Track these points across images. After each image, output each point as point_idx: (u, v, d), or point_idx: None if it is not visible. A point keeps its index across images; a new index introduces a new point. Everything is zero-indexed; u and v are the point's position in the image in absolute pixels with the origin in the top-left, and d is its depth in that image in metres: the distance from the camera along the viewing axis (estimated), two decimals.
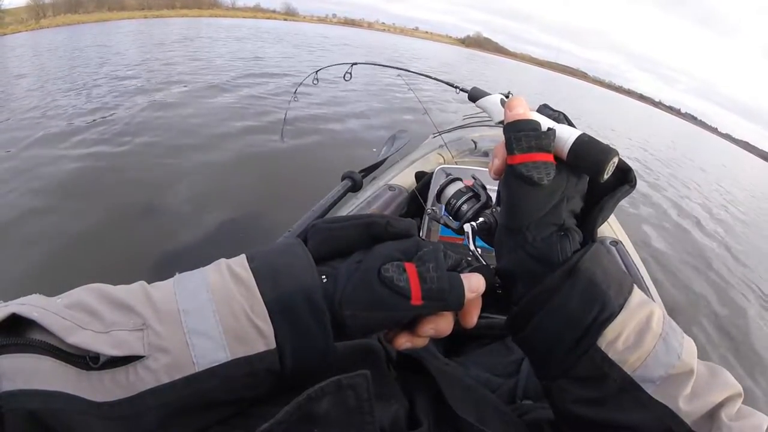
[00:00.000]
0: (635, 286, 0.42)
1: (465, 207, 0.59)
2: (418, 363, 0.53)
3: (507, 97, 0.47)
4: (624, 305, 0.39)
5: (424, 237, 0.97)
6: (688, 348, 0.39)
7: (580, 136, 0.42)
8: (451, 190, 0.61)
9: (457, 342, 0.97)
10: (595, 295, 0.39)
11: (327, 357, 0.37)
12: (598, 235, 0.46)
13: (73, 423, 0.28)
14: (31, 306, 0.30)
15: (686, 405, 0.36)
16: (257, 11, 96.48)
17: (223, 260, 0.38)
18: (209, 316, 0.33)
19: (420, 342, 0.42)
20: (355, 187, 1.61)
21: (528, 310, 0.42)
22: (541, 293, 0.41)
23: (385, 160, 1.86)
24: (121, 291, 0.34)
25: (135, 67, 8.82)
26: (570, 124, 0.45)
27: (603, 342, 0.38)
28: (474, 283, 0.40)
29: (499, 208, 0.49)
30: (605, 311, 0.39)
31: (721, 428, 0.35)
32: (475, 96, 0.53)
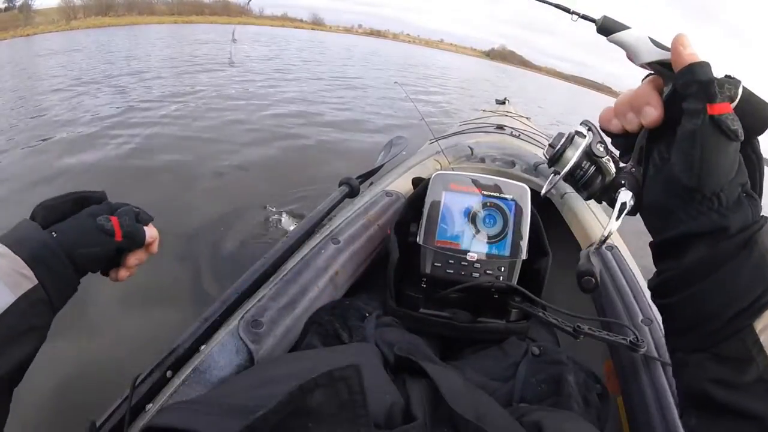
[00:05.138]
0: None
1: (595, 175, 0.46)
2: (416, 366, 0.54)
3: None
4: None
5: (421, 241, 0.91)
6: None
7: (744, 88, 0.37)
8: (572, 152, 0.45)
9: (454, 346, 0.95)
10: (764, 273, 0.36)
11: (73, 282, 0.52)
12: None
13: None
14: None
15: None
16: (285, 20, 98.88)
17: None
18: None
19: (133, 270, 0.60)
20: (353, 193, 1.59)
21: (690, 276, 0.38)
22: (711, 262, 0.37)
23: (382, 166, 1.86)
24: None
25: None
26: None
27: (759, 325, 0.35)
28: (151, 230, 0.59)
29: (631, 167, 0.44)
30: None
31: None
32: (609, 28, 0.43)
